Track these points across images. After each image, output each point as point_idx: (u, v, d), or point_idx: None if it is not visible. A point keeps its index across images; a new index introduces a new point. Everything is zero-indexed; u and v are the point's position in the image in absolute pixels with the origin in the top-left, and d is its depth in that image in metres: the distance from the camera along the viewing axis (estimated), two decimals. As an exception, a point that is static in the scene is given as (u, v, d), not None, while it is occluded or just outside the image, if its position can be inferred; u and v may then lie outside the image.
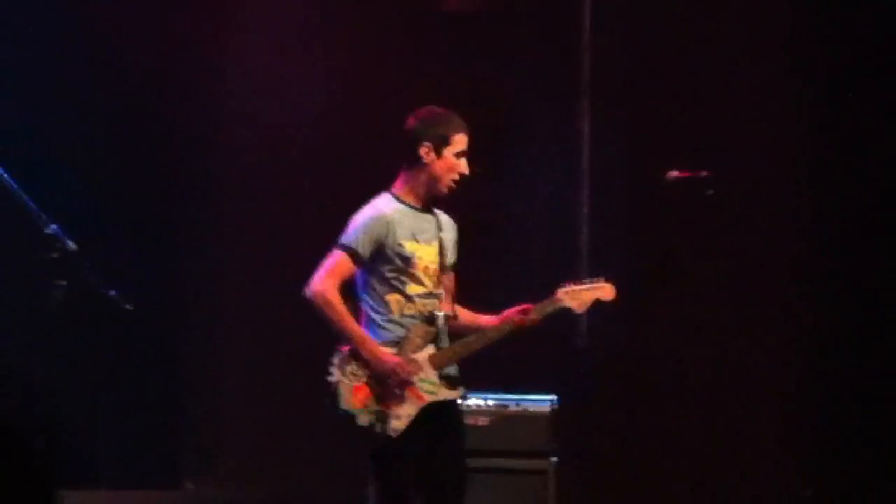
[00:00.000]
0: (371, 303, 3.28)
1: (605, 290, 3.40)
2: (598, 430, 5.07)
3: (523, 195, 5.31)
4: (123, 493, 4.95)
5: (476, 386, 3.83)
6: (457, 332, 3.34)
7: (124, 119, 5.20)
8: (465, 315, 3.44)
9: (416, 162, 3.28)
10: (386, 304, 3.25)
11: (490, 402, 4.47)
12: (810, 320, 5.06)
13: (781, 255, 5.08)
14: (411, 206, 3.31)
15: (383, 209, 3.29)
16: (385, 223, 3.26)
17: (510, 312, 3.33)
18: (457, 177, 3.27)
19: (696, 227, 4.85)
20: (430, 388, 3.23)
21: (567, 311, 3.39)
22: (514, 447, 4.42)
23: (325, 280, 3.23)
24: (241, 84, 5.34)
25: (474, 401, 4.36)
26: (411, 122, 3.34)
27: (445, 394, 3.27)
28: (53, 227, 3.42)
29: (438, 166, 3.27)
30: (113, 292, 3.53)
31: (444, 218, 3.41)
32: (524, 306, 3.32)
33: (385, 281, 3.26)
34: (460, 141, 3.29)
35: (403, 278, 3.25)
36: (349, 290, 3.29)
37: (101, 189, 4.96)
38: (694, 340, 5.08)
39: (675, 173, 3.78)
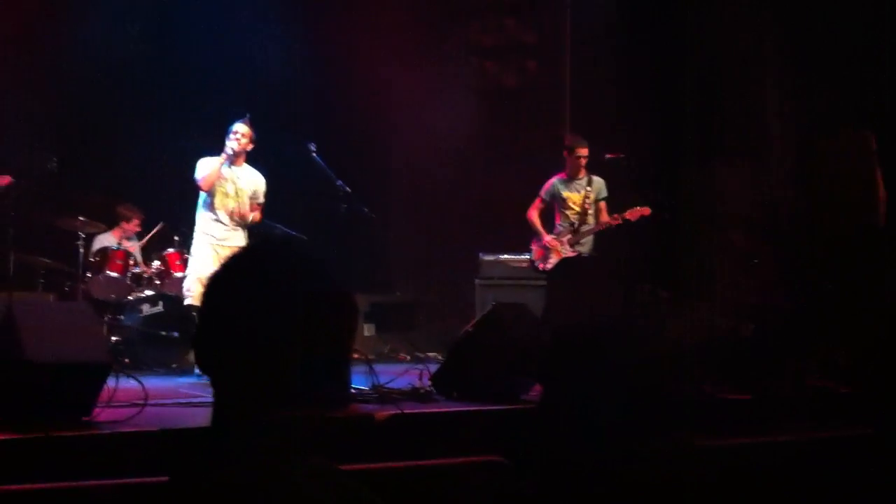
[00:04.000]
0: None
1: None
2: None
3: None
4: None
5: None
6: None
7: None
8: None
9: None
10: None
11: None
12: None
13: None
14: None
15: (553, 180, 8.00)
16: (553, 184, 8.00)
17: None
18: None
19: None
20: (563, 251, 7.90)
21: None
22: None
23: (531, 210, 8.04)
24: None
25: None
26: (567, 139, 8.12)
27: (568, 253, 7.88)
28: (339, 182, 6.83)
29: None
30: (365, 210, 7.02)
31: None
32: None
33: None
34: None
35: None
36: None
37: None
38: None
39: (609, 154, 7.98)
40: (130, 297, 8.09)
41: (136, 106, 9.44)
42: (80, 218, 8.23)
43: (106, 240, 8.67)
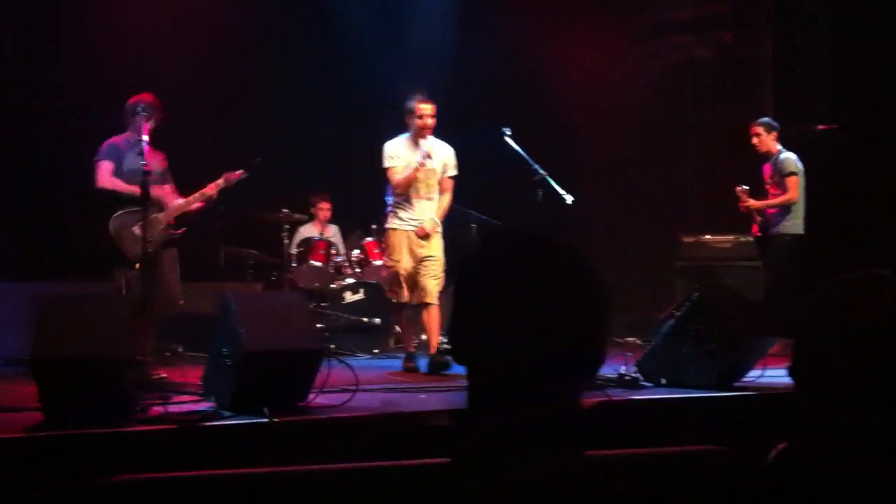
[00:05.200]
0: None
1: None
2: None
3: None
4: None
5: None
6: None
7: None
8: None
9: None
10: None
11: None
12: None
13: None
14: None
15: None
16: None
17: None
18: None
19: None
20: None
21: None
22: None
23: None
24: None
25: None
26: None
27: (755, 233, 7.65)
28: (536, 166, 6.74)
29: None
30: (563, 193, 6.74)
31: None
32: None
33: None
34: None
35: None
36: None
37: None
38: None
39: (821, 126, 7.80)
40: (333, 286, 8.32)
41: (324, 95, 9.68)
42: (283, 210, 8.53)
43: (308, 230, 8.95)
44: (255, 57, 9.42)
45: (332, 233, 9.05)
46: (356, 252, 8.53)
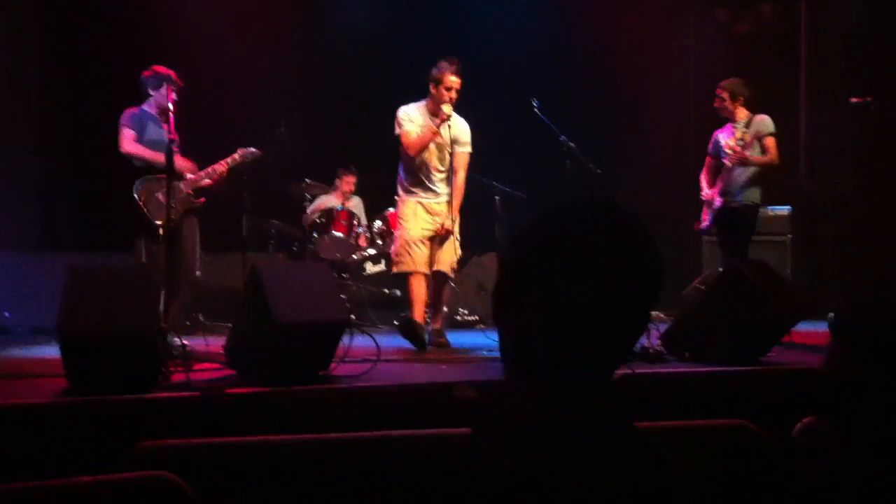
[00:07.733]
0: None
1: None
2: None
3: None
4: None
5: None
6: None
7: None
8: None
9: None
10: None
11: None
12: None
13: None
14: None
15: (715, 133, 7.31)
16: (715, 136, 7.32)
17: None
18: None
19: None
20: (714, 204, 7.27)
21: None
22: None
23: (703, 171, 7.31)
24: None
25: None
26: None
27: (717, 204, 7.14)
28: (563, 137, 6.52)
29: None
30: (591, 165, 6.59)
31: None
32: None
33: None
34: None
35: None
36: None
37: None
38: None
39: (854, 98, 7.12)
40: (354, 257, 8.31)
41: (351, 66, 9.61)
42: (306, 180, 8.51)
43: (329, 200, 8.93)
44: (282, 28, 9.37)
45: (354, 203, 9.03)
46: (378, 223, 8.50)
